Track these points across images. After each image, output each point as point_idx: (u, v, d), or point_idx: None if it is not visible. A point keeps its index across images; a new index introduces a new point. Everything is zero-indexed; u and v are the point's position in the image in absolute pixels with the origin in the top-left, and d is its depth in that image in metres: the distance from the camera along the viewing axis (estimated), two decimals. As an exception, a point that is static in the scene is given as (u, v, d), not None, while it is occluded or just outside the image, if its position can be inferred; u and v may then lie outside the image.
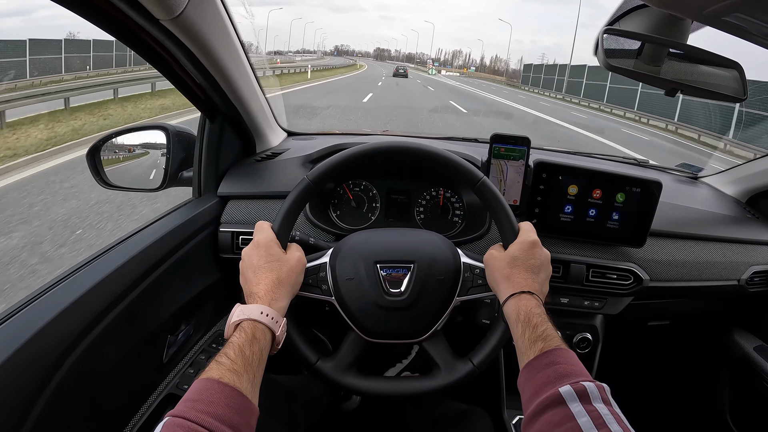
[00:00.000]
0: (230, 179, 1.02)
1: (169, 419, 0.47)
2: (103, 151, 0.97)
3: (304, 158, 1.08)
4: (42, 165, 5.01)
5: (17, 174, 4.70)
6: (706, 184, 1.34)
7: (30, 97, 7.72)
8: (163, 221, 0.88)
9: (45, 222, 3.48)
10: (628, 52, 0.81)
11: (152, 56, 0.76)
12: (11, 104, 6.95)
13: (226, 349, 0.56)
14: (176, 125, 1.02)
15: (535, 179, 0.96)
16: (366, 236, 0.81)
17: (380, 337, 0.75)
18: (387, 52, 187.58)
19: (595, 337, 1.06)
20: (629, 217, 0.96)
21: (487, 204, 0.75)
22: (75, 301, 0.63)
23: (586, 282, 0.98)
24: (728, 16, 0.64)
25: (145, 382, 0.81)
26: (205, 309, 0.97)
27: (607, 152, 1.48)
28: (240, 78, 0.90)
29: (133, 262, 0.74)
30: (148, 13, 0.64)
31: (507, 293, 0.67)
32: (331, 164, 0.75)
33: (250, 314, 0.61)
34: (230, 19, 0.82)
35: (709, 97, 0.86)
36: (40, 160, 5.17)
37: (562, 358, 0.57)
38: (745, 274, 1.07)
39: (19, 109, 7.07)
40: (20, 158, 5.11)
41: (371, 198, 1.07)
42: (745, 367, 1.15)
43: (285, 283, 0.67)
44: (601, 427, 0.47)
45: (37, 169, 4.87)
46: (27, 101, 7.42)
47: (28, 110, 7.34)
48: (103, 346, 0.66)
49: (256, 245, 0.69)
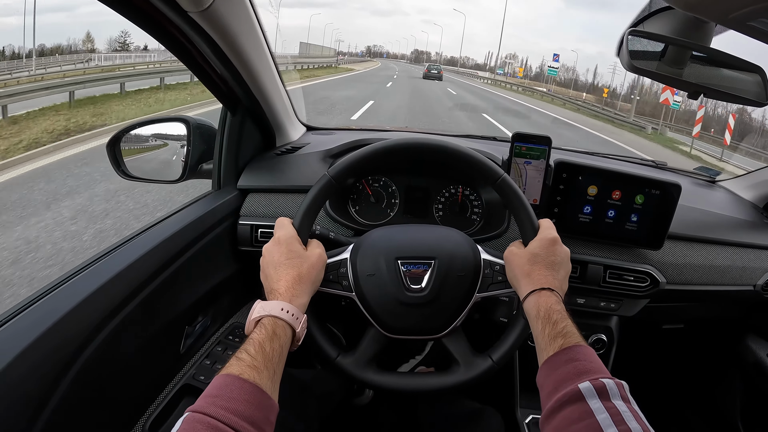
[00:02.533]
0: (250, 172, 1.03)
1: (189, 414, 0.47)
2: (124, 142, 0.97)
3: (324, 153, 1.09)
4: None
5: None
6: (724, 188, 1.33)
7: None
8: (183, 213, 0.88)
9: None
10: (652, 54, 0.81)
11: (178, 48, 0.77)
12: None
13: (247, 345, 0.56)
14: (197, 117, 1.02)
15: (556, 179, 0.96)
16: (387, 232, 0.81)
17: (400, 333, 0.75)
18: (426, 55, 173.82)
19: (610, 338, 1.06)
20: (648, 219, 0.96)
21: (507, 201, 0.75)
22: (96, 290, 0.63)
23: (603, 283, 0.98)
24: (754, 21, 0.64)
25: (162, 372, 0.82)
26: (222, 301, 0.97)
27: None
28: (263, 72, 0.90)
29: (154, 252, 0.75)
30: (177, 5, 0.64)
31: (527, 290, 0.67)
32: (353, 160, 0.75)
33: (270, 311, 0.61)
34: (255, 13, 0.83)
35: (731, 101, 0.86)
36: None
37: (582, 354, 0.57)
38: (760, 280, 1.06)
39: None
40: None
41: (390, 194, 1.07)
42: (757, 374, 1.14)
43: (306, 279, 0.67)
44: (620, 424, 0.47)
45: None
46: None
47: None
48: (122, 335, 0.66)
49: (277, 242, 0.69)
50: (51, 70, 14.03)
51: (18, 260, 3.01)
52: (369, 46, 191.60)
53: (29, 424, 0.53)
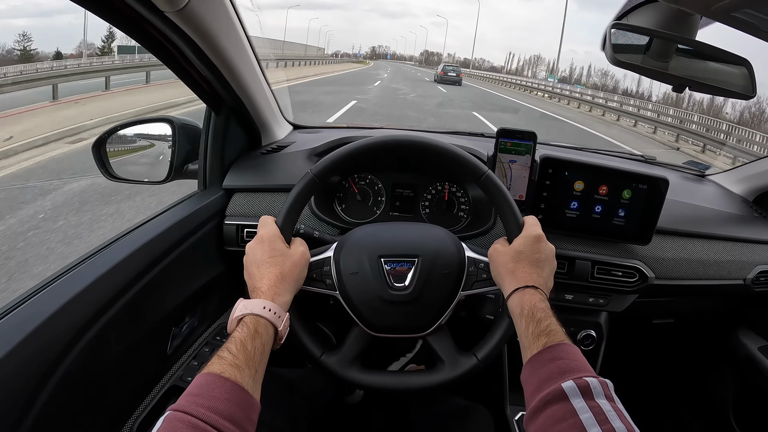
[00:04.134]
0: (235, 172, 1.02)
1: (170, 413, 0.47)
2: (109, 143, 0.97)
3: (309, 151, 1.08)
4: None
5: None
6: (713, 182, 1.33)
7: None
8: (168, 214, 0.88)
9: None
10: (636, 48, 0.80)
11: (157, 48, 0.76)
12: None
13: (228, 344, 0.57)
14: (182, 117, 1.02)
15: (541, 174, 0.95)
16: (370, 230, 0.81)
17: (384, 331, 0.75)
18: (437, 56, 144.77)
19: (600, 334, 1.05)
20: (635, 214, 0.96)
21: (491, 198, 0.75)
22: (80, 292, 0.63)
23: (591, 279, 0.98)
24: (738, 12, 0.63)
25: (149, 374, 0.81)
26: (209, 301, 0.97)
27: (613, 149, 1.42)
28: (245, 71, 0.90)
29: (138, 254, 0.75)
30: (153, 5, 0.64)
31: (511, 288, 0.67)
32: (335, 158, 0.74)
33: (252, 309, 0.61)
34: (236, 12, 0.82)
35: (717, 94, 0.86)
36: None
37: (566, 353, 0.57)
38: (751, 274, 1.06)
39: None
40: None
41: (376, 192, 1.07)
42: (749, 367, 1.14)
43: (288, 277, 0.67)
44: (603, 423, 0.47)
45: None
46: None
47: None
48: (107, 337, 0.66)
49: (259, 240, 0.69)
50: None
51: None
52: (374, 46, 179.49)
53: (15, 426, 0.53)
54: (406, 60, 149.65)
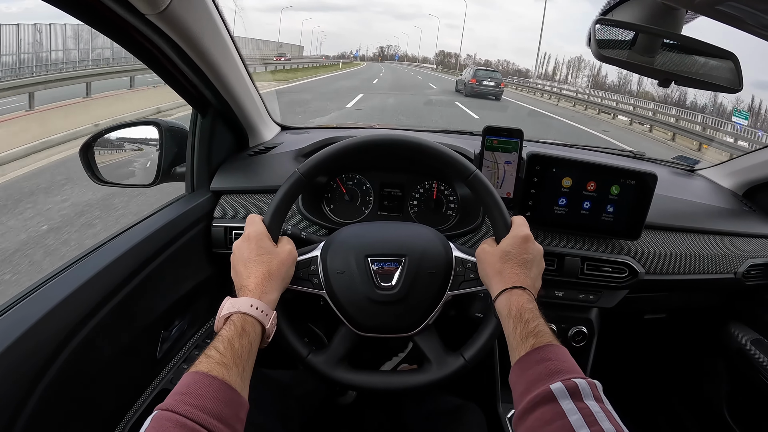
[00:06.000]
0: (223, 174, 1.02)
1: (158, 413, 0.47)
2: (96, 147, 0.96)
3: (296, 152, 1.08)
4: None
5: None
6: (703, 176, 1.33)
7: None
8: (156, 217, 0.88)
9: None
10: (622, 43, 0.79)
11: (139, 51, 0.76)
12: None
13: (216, 343, 0.56)
14: (169, 120, 1.01)
15: (529, 172, 0.95)
16: (357, 229, 0.81)
17: (371, 331, 0.75)
18: (452, 57, 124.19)
19: (591, 330, 1.06)
20: (624, 210, 0.95)
21: (479, 198, 0.75)
22: (67, 296, 0.63)
23: (581, 275, 0.98)
24: (722, 5, 0.63)
25: (139, 378, 0.81)
26: (198, 304, 0.97)
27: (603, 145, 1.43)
28: (230, 72, 0.89)
29: (126, 257, 0.74)
30: (133, 7, 0.63)
31: (499, 288, 0.67)
32: (322, 157, 0.74)
33: (239, 307, 0.61)
34: (219, 13, 0.81)
35: (704, 88, 0.85)
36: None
37: (554, 354, 0.57)
38: (741, 267, 1.06)
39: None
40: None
41: (365, 191, 1.07)
42: (741, 360, 1.14)
43: (275, 276, 0.67)
44: (592, 425, 0.47)
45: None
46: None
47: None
48: (96, 341, 0.66)
49: (246, 238, 0.69)
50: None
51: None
52: (382, 46, 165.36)
53: (5, 430, 0.52)
54: (420, 62, 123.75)
